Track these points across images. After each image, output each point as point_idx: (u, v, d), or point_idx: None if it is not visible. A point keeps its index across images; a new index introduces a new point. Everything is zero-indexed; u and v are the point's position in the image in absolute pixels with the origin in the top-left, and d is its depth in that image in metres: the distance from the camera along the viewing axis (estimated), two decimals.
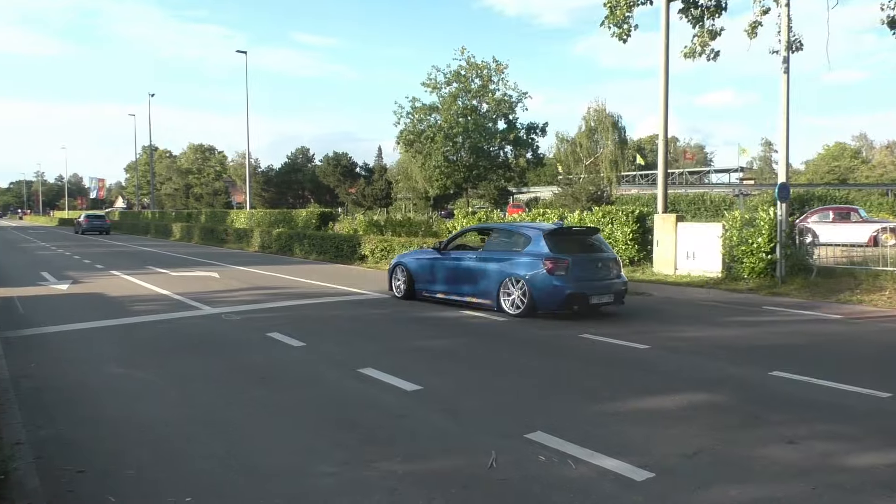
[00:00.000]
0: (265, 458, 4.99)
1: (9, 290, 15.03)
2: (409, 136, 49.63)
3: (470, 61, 48.50)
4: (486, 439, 5.31)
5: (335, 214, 33.14)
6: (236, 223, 38.62)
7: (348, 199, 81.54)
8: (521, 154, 50.97)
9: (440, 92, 49.09)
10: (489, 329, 10.33)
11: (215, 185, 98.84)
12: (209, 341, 9.34)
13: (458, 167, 49.13)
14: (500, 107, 49.22)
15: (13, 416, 5.81)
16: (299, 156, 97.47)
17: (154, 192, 77.29)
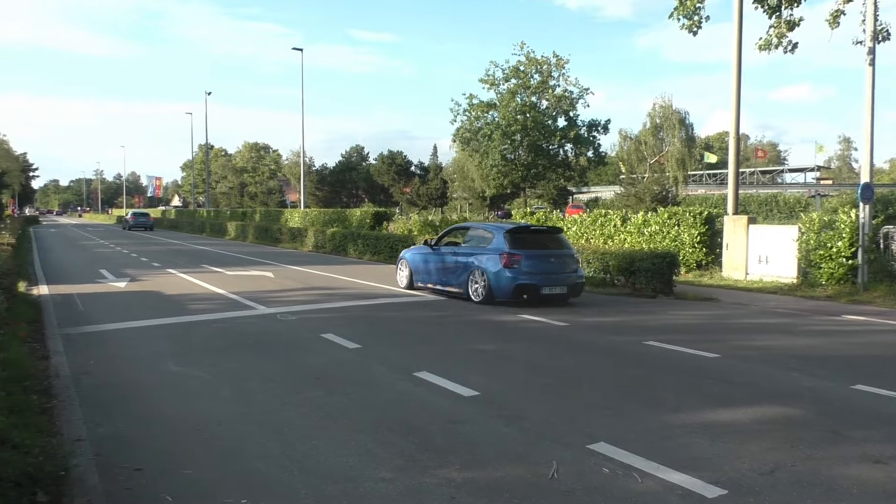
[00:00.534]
0: (321, 459, 4.90)
1: (69, 287, 15.49)
2: (466, 134, 49.47)
3: (529, 56, 48.02)
4: (546, 448, 5.11)
5: (390, 214, 33.20)
6: (290, 222, 39.13)
7: (403, 199, 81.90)
8: (581, 152, 50.18)
9: (498, 88, 48.75)
10: (548, 333, 10.08)
11: (270, 184, 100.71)
12: (264, 341, 9.36)
13: (515, 166, 48.72)
14: (560, 103, 48.59)
15: (74, 413, 5.89)
16: (354, 154, 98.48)
17: (209, 191, 79.16)
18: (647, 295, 14.21)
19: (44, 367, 7.54)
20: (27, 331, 9.12)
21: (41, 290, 14.67)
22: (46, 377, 7.11)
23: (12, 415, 5.10)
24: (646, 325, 10.88)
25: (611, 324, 10.91)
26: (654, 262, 14.38)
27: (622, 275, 14.78)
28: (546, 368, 7.84)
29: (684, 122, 56.29)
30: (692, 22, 14.96)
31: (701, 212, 18.42)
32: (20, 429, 4.82)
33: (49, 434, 5.18)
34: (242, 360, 8.15)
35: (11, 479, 3.90)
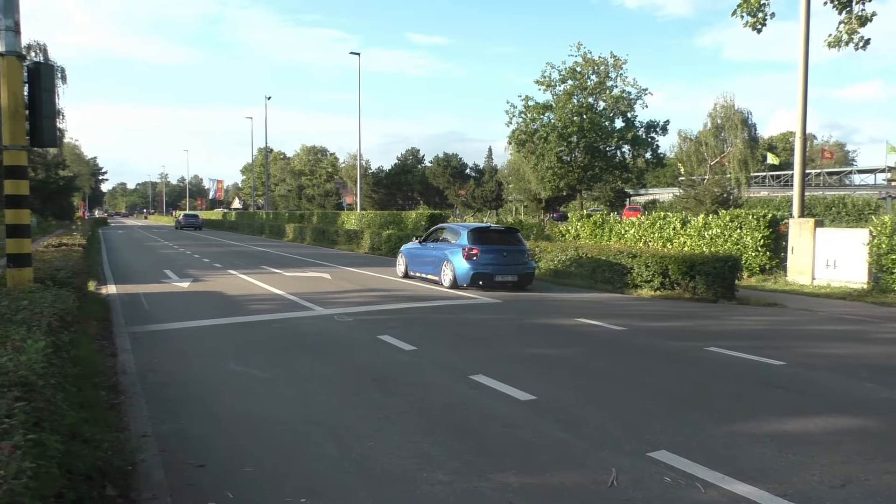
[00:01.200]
0: (378, 461, 4.91)
1: (135, 286, 15.99)
2: (522, 136, 49.12)
3: (586, 57, 47.41)
4: (606, 455, 5.01)
5: (445, 216, 33.23)
6: (347, 224, 39.58)
7: (458, 201, 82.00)
8: (639, 154, 49.27)
9: (554, 90, 48.28)
10: (607, 338, 9.91)
11: (327, 187, 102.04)
12: (322, 342, 9.47)
13: (572, 168, 48.16)
14: (617, 104, 47.83)
15: (140, 410, 6.06)
16: (409, 157, 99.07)
17: (268, 194, 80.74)
18: (709, 299, 13.86)
19: (112, 364, 7.80)
20: (96, 329, 9.46)
21: (109, 290, 15.19)
22: (114, 374, 7.36)
23: (83, 410, 5.29)
24: (707, 330, 10.60)
25: (670, 329, 10.66)
26: (716, 266, 14.01)
27: (682, 279, 14.45)
28: (604, 374, 7.71)
29: (747, 123, 54.73)
30: (756, 19, 14.50)
31: (765, 214, 17.87)
32: (90, 424, 4.99)
33: (117, 429, 5.35)
34: (301, 360, 8.27)
35: (82, 472, 4.04)
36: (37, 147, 8.44)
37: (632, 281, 15.38)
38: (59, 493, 3.46)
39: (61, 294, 6.87)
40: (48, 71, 8.13)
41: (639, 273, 15.23)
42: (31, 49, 41.07)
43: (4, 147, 7.83)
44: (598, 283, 16.22)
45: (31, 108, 7.90)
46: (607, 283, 15.99)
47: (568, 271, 17.51)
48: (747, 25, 14.69)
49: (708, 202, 32.20)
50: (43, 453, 2.88)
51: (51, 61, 40.86)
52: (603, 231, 21.98)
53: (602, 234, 21.93)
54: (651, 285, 14.95)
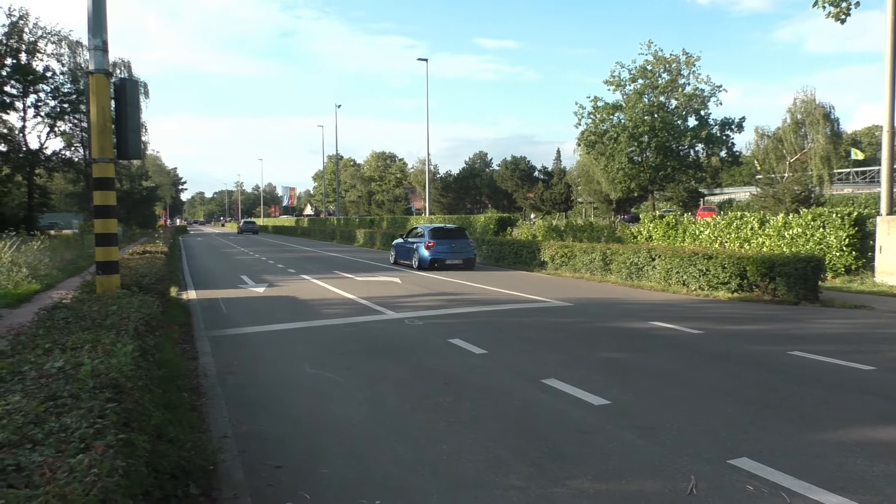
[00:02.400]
0: (451, 465, 4.92)
1: (214, 291, 16.55)
2: (591, 137, 48.54)
3: (657, 55, 46.53)
4: (684, 462, 4.87)
5: (514, 219, 33.07)
6: None
7: (526, 204, 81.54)
8: (713, 152, 47.97)
9: (624, 89, 47.58)
10: (682, 342, 9.65)
11: (396, 192, 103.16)
12: (393, 345, 9.57)
13: (643, 168, 47.29)
14: (690, 102, 46.73)
15: (220, 411, 6.26)
16: (477, 161, 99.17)
17: (339, 200, 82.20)
18: (790, 302, 13.32)
19: (193, 367, 8.09)
20: (179, 333, 9.83)
21: (190, 295, 15.77)
22: (196, 376, 7.62)
23: (167, 411, 5.49)
24: (789, 333, 10.19)
25: (750, 332, 10.29)
26: (797, 267, 13.46)
27: (761, 280, 13.95)
28: (680, 378, 7.50)
29: (829, 117, 52.52)
30: (839, 9, 13.89)
31: (850, 212, 17.06)
32: (174, 424, 5.18)
33: (199, 430, 5.54)
34: (373, 363, 8.37)
35: (168, 471, 4.19)
36: (123, 159, 8.84)
37: (708, 283, 14.94)
38: (147, 490, 3.60)
39: (146, 300, 7.17)
40: (133, 87, 8.50)
41: (715, 274, 14.78)
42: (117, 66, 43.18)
43: (93, 160, 8.23)
44: (672, 286, 15.83)
45: (118, 123, 8.29)
46: (682, 286, 15.58)
47: (640, 274, 17.15)
48: (830, 16, 14.09)
49: (788, 201, 30.94)
50: (132, 452, 3.00)
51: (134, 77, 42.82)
52: (676, 232, 21.44)
53: (675, 235, 21.40)
54: (728, 287, 14.48)
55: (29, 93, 44.04)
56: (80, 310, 6.02)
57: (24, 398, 3.09)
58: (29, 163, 44.45)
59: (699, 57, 46.21)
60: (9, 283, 14.86)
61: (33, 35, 43.12)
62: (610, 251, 18.67)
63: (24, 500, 2.05)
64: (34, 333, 4.93)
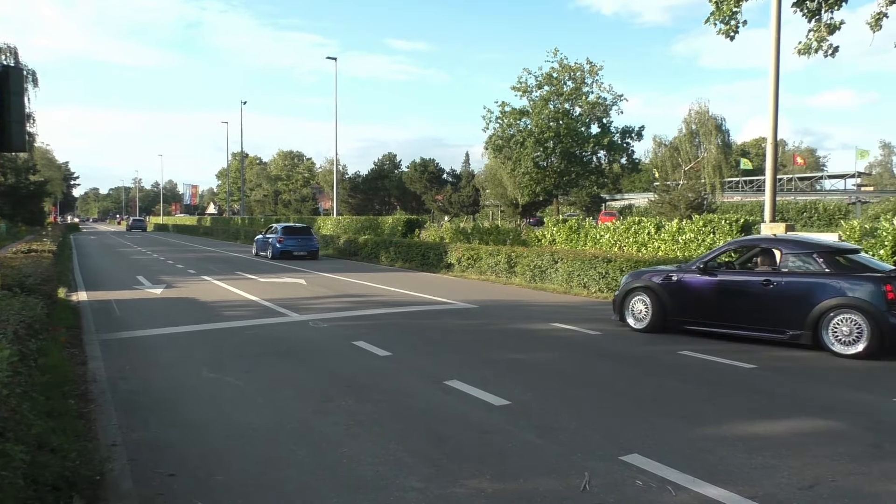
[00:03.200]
0: (352, 467, 4.90)
1: (106, 293, 15.79)
2: (498, 142, 49.41)
3: (563, 63, 47.86)
4: (579, 460, 5.04)
5: (422, 222, 33.22)
6: (323, 230, 39.37)
7: (435, 206, 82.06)
8: (615, 159, 49.79)
9: (531, 95, 48.65)
10: (580, 343, 9.96)
11: (303, 192, 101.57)
12: (296, 348, 9.42)
13: (548, 173, 48.52)
14: (593, 110, 48.31)
15: (109, 418, 5.98)
16: (386, 162, 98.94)
17: (244, 199, 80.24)
18: None
19: (81, 372, 7.69)
20: (66, 336, 9.32)
21: (80, 296, 14.98)
22: (84, 382, 7.25)
23: (50, 419, 5.20)
24: (679, 335, 10.66)
25: (643, 335, 10.73)
26: None
27: None
28: (578, 378, 7.75)
29: (721, 128, 55.55)
30: (729, 27, 14.65)
31: (737, 219, 18.09)
32: (58, 433, 4.91)
33: (86, 438, 5.28)
34: (275, 367, 8.21)
35: (49, 482, 3.97)
36: (5, 151, 8.28)
37: (607, 285, 15.49)
38: (24, 503, 3.40)
39: (29, 301, 6.76)
40: (17, 74, 7.98)
41: (614, 277, 15.34)
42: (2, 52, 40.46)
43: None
44: (573, 288, 16.32)
45: (0, 113, 7.77)
46: (582, 288, 16.09)
47: (543, 276, 17.60)
48: (720, 33, 14.85)
49: (683, 207, 32.56)
50: (7, 464, 2.82)
51: (21, 64, 40.27)
52: (578, 236, 22.10)
53: (578, 239, 22.05)
54: None
55: None
56: None
57: None
58: None
59: (602, 66, 47.91)
60: None
61: None
62: (515, 254, 19.05)
63: None
64: None
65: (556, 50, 47.93)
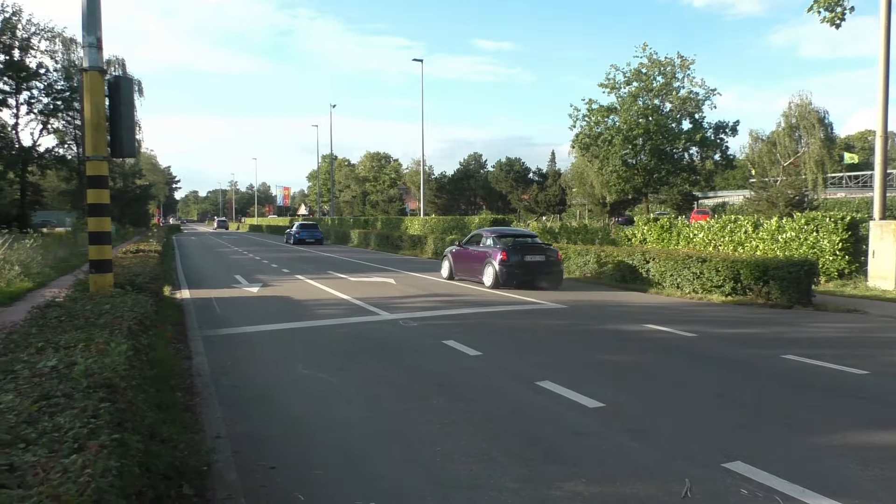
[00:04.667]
0: (445, 466, 4.91)
1: (207, 291, 16.50)
2: (586, 140, 48.63)
3: (652, 58, 46.65)
4: (679, 465, 4.88)
5: (508, 221, 33.07)
6: (410, 230, 39.84)
7: (520, 206, 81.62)
8: (707, 156, 48.14)
9: (619, 92, 47.66)
10: (676, 345, 9.66)
11: (390, 192, 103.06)
12: (388, 346, 9.55)
13: (637, 171, 47.40)
14: (685, 105, 46.87)
15: (214, 411, 6.23)
16: (472, 162, 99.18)
17: (334, 200, 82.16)
18: (783, 305, 13.36)
19: (187, 367, 8.05)
20: (172, 332, 9.79)
21: (183, 294, 15.71)
22: (189, 376, 7.59)
23: (160, 411, 5.46)
24: (783, 337, 10.22)
25: (744, 335, 10.32)
26: (791, 271, 13.50)
27: (754, 284, 13.99)
28: (674, 381, 7.51)
29: (823, 122, 52.79)
30: (834, 14, 13.90)
31: (843, 217, 17.11)
32: (167, 424, 5.15)
33: (192, 430, 5.51)
34: (367, 364, 8.35)
35: (161, 471, 4.16)
36: (117, 157, 8.79)
37: (702, 286, 14.98)
38: (140, 491, 3.57)
39: (140, 299, 7.13)
40: (128, 84, 8.47)
41: (709, 278, 14.82)
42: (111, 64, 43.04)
43: (87, 158, 8.19)
44: (665, 289, 15.87)
45: (112, 120, 8.25)
46: (675, 289, 15.62)
47: (634, 276, 17.20)
48: (825, 21, 14.11)
49: (781, 205, 31.04)
50: (126, 453, 2.97)
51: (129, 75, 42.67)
52: (670, 235, 21.49)
53: (669, 237, 21.45)
54: (722, 290, 14.53)
55: (22, 90, 43.79)
56: (73, 308, 5.99)
57: (17, 397, 3.07)
58: (21, 160, 44.18)
59: (694, 60, 46.39)
60: (1, 282, 14.77)
61: (26, 31, 42.91)
62: (604, 253, 18.70)
63: (18, 500, 2.03)
64: (27, 332, 4.90)
65: (646, 45, 46.75)
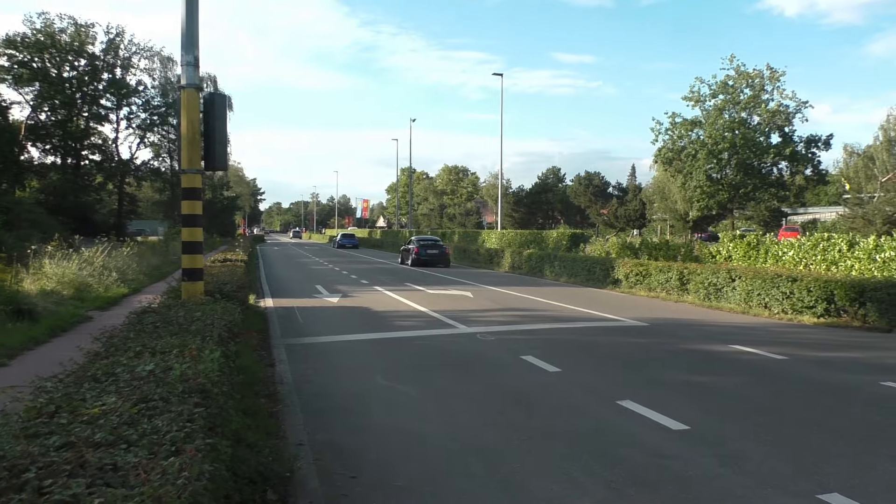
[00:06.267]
0: (525, 483, 4.86)
1: (290, 300, 16.93)
2: (668, 154, 47.56)
3: (739, 70, 45.27)
4: (770, 494, 4.66)
5: (587, 236, 32.58)
6: (487, 243, 39.78)
7: (599, 220, 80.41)
8: (798, 170, 46.21)
9: (704, 105, 46.43)
10: (765, 367, 9.26)
11: (467, 206, 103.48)
12: (465, 360, 9.54)
13: (722, 186, 45.97)
14: (774, 118, 45.21)
15: (296, 419, 6.37)
16: (550, 176, 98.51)
17: (412, 212, 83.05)
18: (881, 329, 12.64)
19: (270, 374, 8.28)
20: (257, 340, 10.08)
21: (267, 303, 16.19)
22: (272, 383, 7.80)
23: (246, 416, 5.62)
24: (881, 362, 9.65)
25: (838, 359, 9.81)
26: (890, 292, 12.77)
27: (849, 305, 13.29)
28: (763, 405, 7.19)
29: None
30: None
31: None
32: (252, 430, 5.29)
33: (276, 437, 5.65)
34: (445, 377, 8.37)
35: (246, 476, 4.28)
36: (210, 171, 9.13)
37: (792, 306, 14.34)
38: (227, 494, 3.68)
39: (229, 307, 7.37)
40: (221, 100, 8.81)
41: (800, 298, 14.18)
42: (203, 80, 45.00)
43: (183, 171, 8.56)
44: (752, 308, 15.27)
45: (206, 135, 8.59)
46: (763, 308, 15.02)
47: (718, 294, 16.63)
48: None
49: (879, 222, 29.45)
50: (217, 457, 3.07)
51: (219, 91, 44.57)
52: (758, 252, 20.67)
53: (757, 255, 20.63)
54: (814, 311, 13.86)
55: (122, 106, 46.39)
56: (167, 315, 6.24)
57: (119, 399, 3.21)
58: (120, 172, 46.74)
59: (784, 72, 44.74)
60: (100, 287, 15.60)
61: (128, 51, 45.49)
62: (687, 270, 18.18)
63: (121, 499, 2.12)
64: (125, 336, 5.14)
65: (733, 56, 45.42)
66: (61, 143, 43.12)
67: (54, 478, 2.25)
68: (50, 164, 44.20)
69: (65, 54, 42.10)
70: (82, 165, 45.43)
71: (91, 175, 46.57)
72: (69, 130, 42.78)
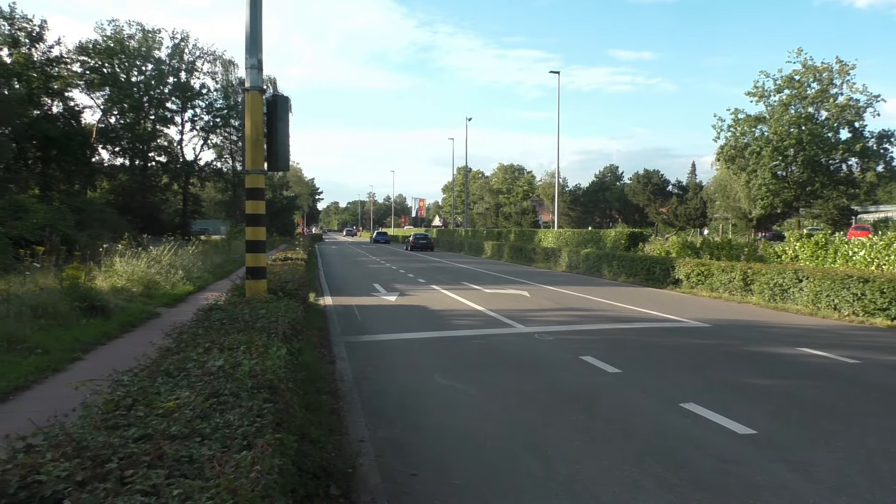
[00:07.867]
0: (587, 485, 4.81)
1: (348, 298, 17.15)
2: (731, 152, 46.37)
3: (806, 64, 43.78)
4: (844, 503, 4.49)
5: (646, 235, 31.98)
6: (544, 242, 39.48)
7: (658, 219, 78.90)
8: (869, 167, 44.42)
9: (768, 100, 45.08)
10: (835, 371, 8.94)
11: (523, 205, 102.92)
12: (524, 360, 9.50)
13: (787, 184, 44.57)
14: (843, 113, 43.57)
15: (357, 415, 6.45)
16: (608, 174, 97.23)
17: (467, 211, 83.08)
18: None
19: (331, 371, 8.40)
20: (317, 337, 10.24)
21: (326, 301, 16.44)
22: (333, 380, 7.91)
23: (309, 412, 5.72)
24: None
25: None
26: None
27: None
28: (834, 410, 6.94)
29: None
30: None
31: None
32: (316, 426, 5.38)
33: (338, 433, 5.73)
34: (503, 376, 8.35)
35: (310, 470, 4.36)
36: (272, 171, 9.32)
37: (863, 308, 13.80)
38: (293, 489, 3.75)
39: (291, 304, 7.53)
40: (283, 102, 8.99)
41: (872, 299, 13.63)
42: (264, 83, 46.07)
43: (246, 171, 8.77)
44: (821, 310, 14.76)
45: (269, 136, 8.79)
46: (832, 310, 14.49)
47: (784, 295, 16.12)
48: None
49: None
50: (285, 451, 3.14)
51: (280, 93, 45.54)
52: (826, 252, 19.95)
53: (825, 255, 19.91)
54: (887, 314, 13.31)
55: (186, 108, 47.85)
56: (233, 312, 6.41)
57: (192, 394, 3.31)
58: (185, 173, 48.22)
59: (854, 65, 43.09)
60: (167, 284, 16.12)
61: (192, 55, 46.86)
62: (751, 270, 17.69)
63: (199, 491, 2.19)
64: (194, 332, 5.29)
65: (800, 50, 43.99)
66: (130, 145, 44.78)
67: (135, 468, 2.33)
68: (119, 165, 45.99)
69: (133, 59, 43.72)
70: (149, 167, 47.11)
71: (157, 176, 48.26)
72: (137, 133, 44.39)
